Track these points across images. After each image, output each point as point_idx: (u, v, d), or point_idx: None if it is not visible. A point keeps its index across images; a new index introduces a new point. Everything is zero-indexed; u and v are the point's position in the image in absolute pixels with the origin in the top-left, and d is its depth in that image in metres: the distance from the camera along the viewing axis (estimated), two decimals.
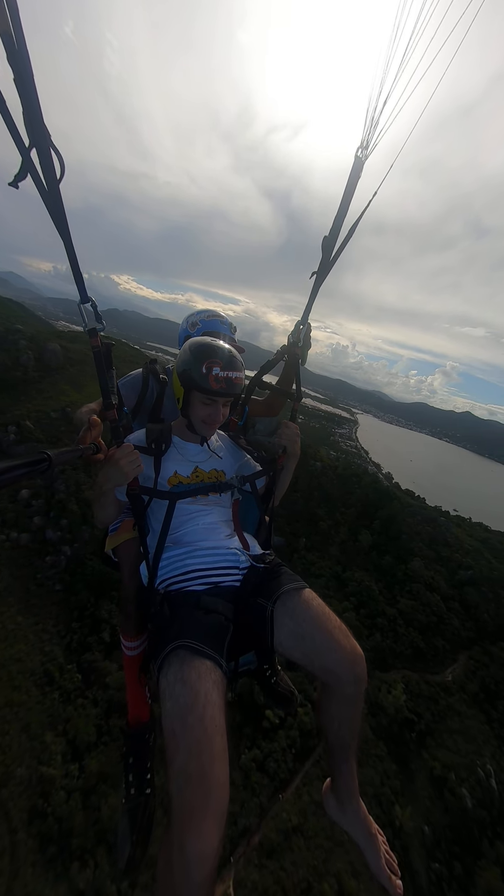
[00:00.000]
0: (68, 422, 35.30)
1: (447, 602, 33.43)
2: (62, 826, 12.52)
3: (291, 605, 1.29)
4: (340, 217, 1.50)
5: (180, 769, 0.91)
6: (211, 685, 1.05)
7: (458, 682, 27.19)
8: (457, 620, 32.47)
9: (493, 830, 19.15)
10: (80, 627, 20.64)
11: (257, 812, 14.23)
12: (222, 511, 1.57)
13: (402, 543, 36.79)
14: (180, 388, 1.46)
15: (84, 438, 1.46)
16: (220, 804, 0.88)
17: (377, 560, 34.17)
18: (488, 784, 21.14)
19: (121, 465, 1.29)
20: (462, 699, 26.09)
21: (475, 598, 35.31)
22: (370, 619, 28.76)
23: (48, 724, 15.75)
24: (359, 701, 1.24)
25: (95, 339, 1.27)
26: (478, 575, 37.53)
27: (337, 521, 35.96)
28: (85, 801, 13.19)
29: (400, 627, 29.02)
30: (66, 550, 24.84)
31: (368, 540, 35.48)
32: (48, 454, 1.10)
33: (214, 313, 2.03)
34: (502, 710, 26.21)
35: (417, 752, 21.28)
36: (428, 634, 29.76)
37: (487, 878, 16.60)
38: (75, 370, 44.85)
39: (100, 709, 16.82)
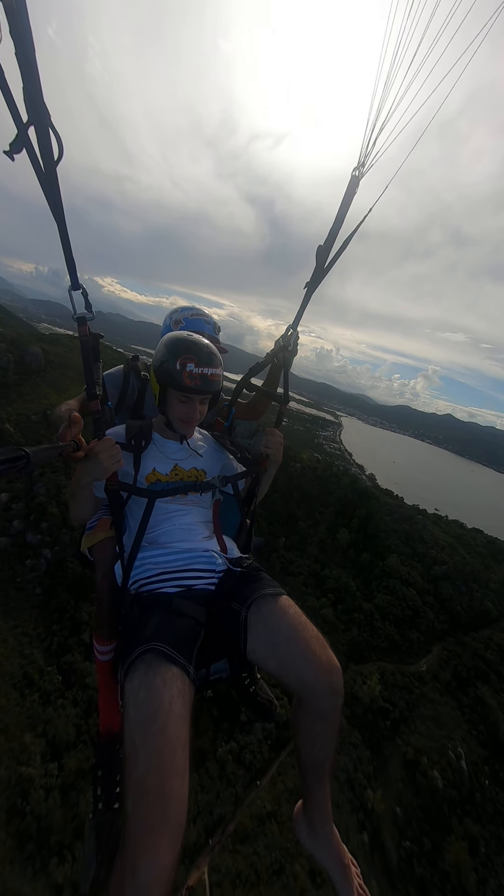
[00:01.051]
0: (49, 425, 35.11)
1: (422, 596, 34.88)
2: (41, 824, 12.71)
3: (266, 611, 1.24)
4: (336, 228, 1.52)
5: (137, 783, 0.87)
6: (176, 693, 1.01)
7: (431, 672, 28.51)
8: (431, 613, 33.93)
9: (463, 808, 20.29)
10: (60, 630, 20.70)
11: (233, 801, 14.76)
12: (201, 511, 1.54)
13: (380, 541, 38.15)
14: (156, 385, 1.43)
15: (64, 435, 1.43)
16: (176, 822, 0.84)
17: (355, 557, 35.36)
18: (458, 765, 22.33)
19: (101, 458, 1.26)
20: (435, 687, 27.37)
21: (449, 592, 36.95)
22: (347, 614, 29.79)
23: (27, 725, 15.84)
24: (335, 717, 1.18)
25: (84, 328, 1.25)
26: (452, 570, 39.27)
27: (316, 521, 37.03)
28: (64, 798, 13.41)
29: (376, 621, 30.16)
30: (47, 554, 24.79)
31: (347, 538, 36.65)
32: (26, 451, 1.10)
33: (199, 311, 1.99)
34: (473, 697, 27.63)
35: (391, 738, 22.29)
36: (403, 627, 31.02)
37: (455, 852, 17.65)
38: (56, 373, 44.52)
39: (79, 709, 17.00)
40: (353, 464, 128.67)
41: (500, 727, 26.11)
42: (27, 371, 41.70)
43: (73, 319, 1.23)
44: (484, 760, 23.91)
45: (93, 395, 1.31)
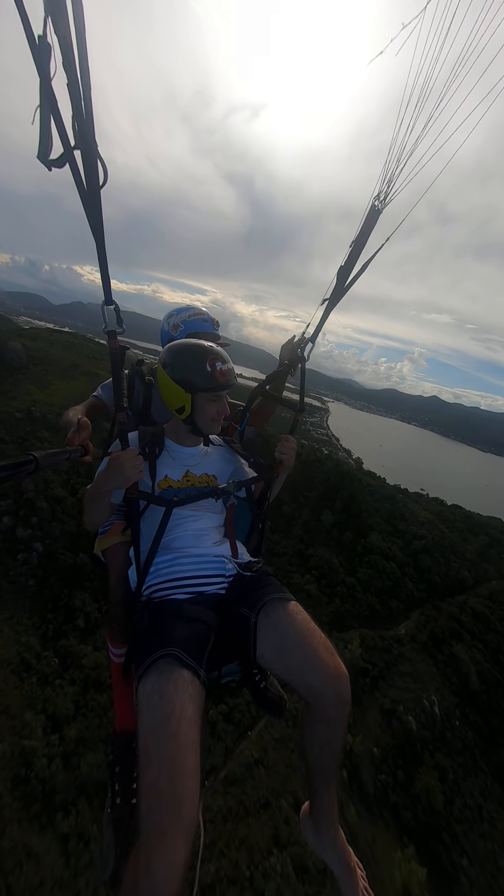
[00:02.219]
0: (33, 422, 35.11)
1: (402, 568, 37.00)
2: (45, 787, 13.89)
3: (275, 617, 1.27)
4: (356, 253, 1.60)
5: (151, 785, 0.90)
6: (187, 698, 1.04)
7: (409, 634, 30.78)
8: (410, 583, 36.15)
9: (434, 745, 22.63)
10: (55, 617, 21.61)
11: (223, 753, 16.32)
12: (213, 517, 1.57)
13: (362, 520, 40.00)
14: (185, 395, 1.42)
15: (72, 440, 1.44)
16: (188, 822, 0.87)
17: (338, 536, 37.16)
18: (432, 711, 24.62)
19: (125, 468, 1.28)
20: (413, 648, 29.63)
21: (428, 564, 39.20)
22: (330, 588, 31.63)
23: (27, 704, 16.87)
24: (342, 724, 1.21)
25: (114, 341, 1.30)
26: (431, 543, 41.53)
27: (300, 504, 38.55)
28: (66, 763, 14.60)
29: (358, 593, 32.14)
30: (38, 547, 25.44)
31: (330, 519, 38.37)
32: (35, 455, 1.09)
33: (196, 311, 1.99)
34: (447, 654, 30.00)
35: (370, 692, 24.36)
36: (384, 597, 33.13)
37: (426, 779, 19.93)
38: (38, 369, 44.02)
39: (77, 686, 18.13)
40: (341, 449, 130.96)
41: (472, 678, 28.67)
42: (8, 368, 41.20)
43: (104, 332, 1.27)
44: (455, 706, 26.40)
45: (120, 408, 1.34)
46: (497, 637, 33.44)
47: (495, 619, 35.05)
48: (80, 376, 43.96)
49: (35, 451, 1.12)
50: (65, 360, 47.61)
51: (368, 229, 1.58)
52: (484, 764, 24.46)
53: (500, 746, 25.88)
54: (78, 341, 55.05)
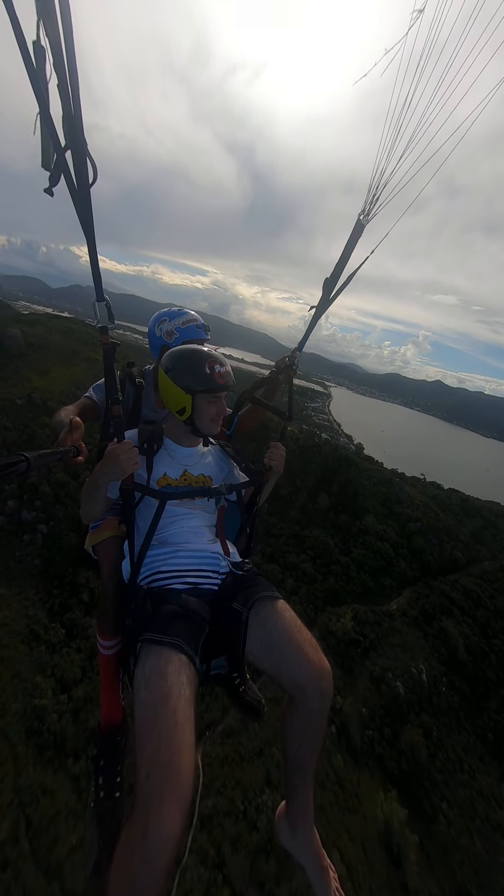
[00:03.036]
0: (34, 408, 35.65)
1: (396, 549, 38.14)
2: (56, 738, 15.32)
3: (265, 614, 1.32)
4: (341, 266, 1.64)
5: (150, 756, 0.93)
6: (185, 679, 1.09)
7: (401, 609, 32.19)
8: (404, 563, 37.37)
9: (420, 707, 24.25)
10: (61, 593, 22.89)
11: (221, 710, 17.74)
12: (206, 516, 1.62)
13: (358, 503, 40.94)
14: (185, 397, 1.47)
15: (64, 441, 1.45)
16: (185, 792, 0.90)
17: (334, 519, 38.20)
18: (419, 678, 26.17)
19: (120, 460, 1.31)
20: (404, 622, 31.06)
21: (421, 545, 40.35)
22: (325, 566, 32.86)
23: (37, 669, 18.21)
24: (322, 719, 1.26)
25: (105, 337, 1.30)
26: (425, 525, 42.57)
27: (297, 488, 39.48)
28: (75, 718, 16.03)
29: (352, 572, 33.39)
30: (42, 529, 26.56)
31: (326, 502, 39.34)
32: (26, 456, 1.11)
33: (189, 317, 2.00)
34: (437, 627, 31.43)
35: (361, 661, 25.87)
36: (377, 576, 34.41)
37: (411, 735, 21.60)
38: (37, 356, 44.07)
39: (83, 654, 19.49)
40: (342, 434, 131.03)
41: (459, 649, 30.18)
42: (7, 354, 41.42)
43: (97, 328, 1.29)
44: (443, 674, 27.96)
45: (115, 401, 1.36)
46: (486, 613, 34.79)
47: (486, 596, 36.33)
48: (80, 362, 44.12)
49: (26, 452, 1.15)
50: (64, 346, 47.59)
51: (352, 244, 1.63)
52: (468, 724, 26.18)
53: (484, 710, 27.58)
54: (77, 327, 54.75)
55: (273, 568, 30.50)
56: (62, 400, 36.41)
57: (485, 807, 21.62)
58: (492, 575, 39.19)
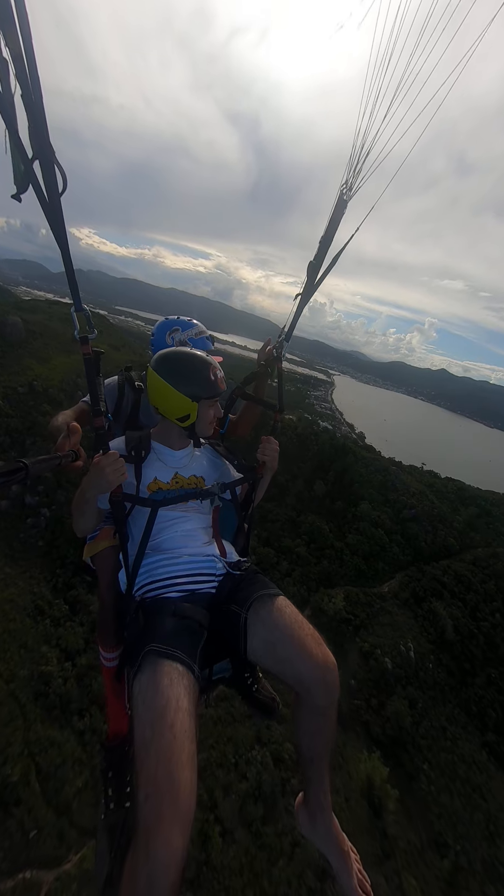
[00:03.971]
0: (35, 396, 36.28)
1: (390, 535, 39.08)
2: (62, 699, 16.77)
3: (264, 612, 1.32)
4: (324, 247, 1.58)
5: (148, 775, 0.92)
6: (182, 690, 1.07)
7: (392, 592, 33.39)
8: (397, 548, 38.38)
9: (407, 680, 25.65)
10: (64, 572, 24.14)
11: None
12: (201, 518, 1.60)
13: (354, 490, 41.74)
14: (191, 405, 1.48)
15: (62, 446, 1.47)
16: (186, 811, 0.89)
17: (329, 505, 39.11)
18: (407, 654, 27.51)
19: (106, 472, 1.30)
20: (395, 603, 32.31)
21: (415, 531, 41.23)
22: (319, 550, 33.97)
23: (42, 641, 19.60)
24: (330, 712, 1.25)
25: (86, 347, 1.29)
26: (420, 512, 43.35)
27: (294, 475, 40.29)
28: (79, 682, 17.51)
29: (346, 556, 34.47)
30: (45, 512, 27.65)
31: (322, 489, 40.17)
32: (25, 463, 1.12)
33: (201, 329, 2.06)
34: (426, 609, 32.67)
35: (352, 639, 27.20)
36: (370, 560, 35.50)
37: (396, 705, 23.04)
38: (38, 344, 44.36)
39: (85, 628, 20.83)
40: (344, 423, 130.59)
41: (448, 630, 31.44)
42: (7, 343, 41.76)
43: (77, 339, 1.28)
44: (430, 652, 29.31)
45: (97, 412, 1.35)
46: (476, 596, 35.88)
47: (477, 581, 37.32)
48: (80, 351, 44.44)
49: (25, 459, 1.17)
50: (64, 333, 47.72)
51: (336, 223, 1.56)
52: (453, 698, 27.63)
53: (470, 686, 28.97)
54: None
55: (268, 551, 31.61)
56: (63, 388, 36.97)
57: (465, 770, 23.17)
58: (484, 561, 40.03)
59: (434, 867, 18.57)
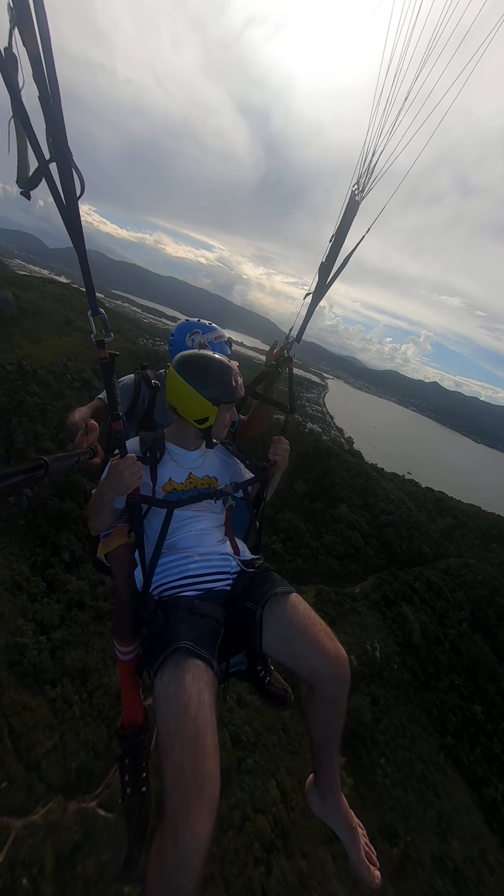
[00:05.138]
0: (24, 376, 35.81)
1: (366, 539, 40.20)
2: (36, 669, 17.27)
3: (279, 609, 1.37)
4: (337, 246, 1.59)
5: (175, 765, 0.98)
6: (203, 686, 1.13)
7: (363, 593, 34.48)
8: (372, 552, 39.55)
9: (371, 678, 26.68)
10: (43, 551, 24.32)
11: None
12: (214, 517, 1.65)
13: (334, 493, 42.71)
14: (212, 408, 1.51)
15: (80, 443, 1.50)
16: (212, 798, 0.95)
17: (308, 505, 39.98)
18: (373, 654, 28.57)
19: (124, 475, 1.33)
20: (365, 604, 33.39)
21: (392, 537, 42.48)
22: (295, 549, 34.81)
23: (19, 614, 19.91)
24: (342, 701, 1.33)
25: (103, 351, 1.30)
26: (397, 519, 44.65)
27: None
28: (52, 655, 18.02)
29: (321, 556, 35.41)
30: (28, 492, 27.58)
31: (303, 489, 41.00)
32: (45, 460, 1.14)
33: (220, 333, 2.08)
34: (395, 612, 33.88)
35: None
36: (344, 561, 36.52)
37: (358, 700, 24.07)
38: (30, 322, 43.53)
39: (62, 605, 21.20)
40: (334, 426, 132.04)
41: (415, 633, 32.70)
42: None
43: (93, 342, 1.29)
44: (396, 654, 30.46)
45: (115, 417, 1.37)
46: (445, 604, 37.30)
47: (447, 589, 38.78)
48: (73, 332, 43.82)
49: (45, 456, 1.19)
50: (57, 314, 47.06)
51: (348, 223, 1.55)
52: (415, 699, 28.85)
53: (433, 689, 30.23)
54: (72, 294, 53.81)
55: None
56: (52, 370, 36.60)
57: (422, 768, 24.38)
58: (455, 570, 41.55)
59: (383, 853, 19.65)
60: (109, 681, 17.24)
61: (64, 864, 11.89)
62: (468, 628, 35.22)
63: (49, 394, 32.92)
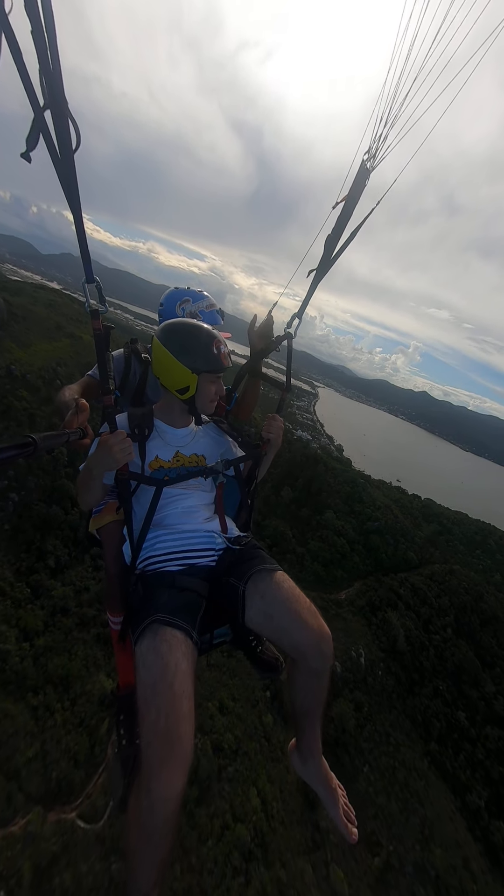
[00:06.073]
0: (13, 380, 35.68)
1: (352, 545, 40.73)
2: (18, 676, 17.07)
3: (263, 585, 1.38)
4: (345, 218, 1.52)
5: (150, 726, 1.04)
6: (181, 655, 1.16)
7: (349, 599, 34.81)
8: (358, 558, 40.06)
9: (355, 685, 26.84)
10: (28, 557, 24.09)
11: None
12: (203, 495, 1.64)
13: (321, 499, 43.28)
14: (191, 376, 1.47)
15: (70, 423, 1.48)
16: (184, 756, 1.01)
17: (295, 511, 40.45)
18: (357, 660, 28.80)
19: (114, 451, 1.32)
20: (350, 610, 33.71)
21: (377, 543, 43.13)
22: (280, 555, 35.08)
23: (2, 620, 19.65)
24: (324, 675, 1.36)
25: (97, 322, 1.25)
26: (383, 526, 45.36)
27: (263, 480, 41.54)
28: (35, 662, 17.80)
29: (306, 562, 35.77)
30: (14, 497, 27.36)
31: (290, 495, 41.48)
32: (34, 438, 1.13)
33: (211, 302, 2.04)
34: (380, 618, 34.26)
35: None
36: (330, 567, 36.90)
37: (341, 707, 24.26)
38: (20, 327, 43.42)
39: (46, 611, 20.99)
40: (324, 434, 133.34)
41: (400, 639, 33.08)
42: None
43: (87, 312, 1.24)
44: (381, 660, 30.72)
45: (106, 391, 1.35)
46: (430, 610, 37.84)
47: (432, 595, 39.38)
48: (63, 338, 43.93)
49: (34, 434, 1.18)
50: (48, 319, 47.10)
51: (358, 191, 1.49)
52: (399, 705, 29.03)
53: (417, 695, 30.48)
54: (63, 300, 54.00)
55: None
56: (42, 375, 36.58)
57: (405, 775, 24.49)
58: (440, 576, 42.24)
59: (364, 863, 19.60)
60: (92, 688, 17.16)
61: (42, 875, 11.83)
62: (452, 634, 35.76)
63: (38, 398, 32.86)
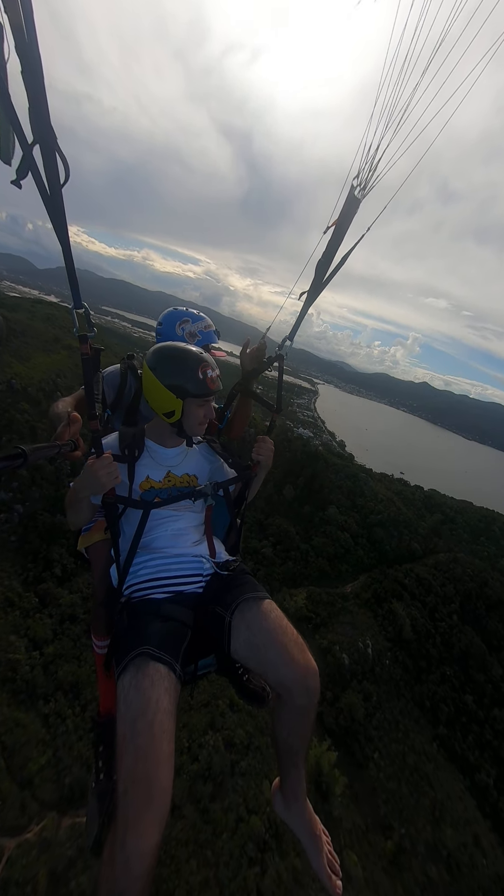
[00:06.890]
0: (14, 394, 36.52)
1: (356, 539, 41.04)
2: (28, 685, 17.57)
3: (249, 615, 1.35)
4: (334, 245, 1.53)
5: (127, 772, 0.99)
6: (163, 692, 1.12)
7: (354, 592, 35.18)
8: (362, 551, 40.41)
9: (363, 675, 27.22)
10: (35, 566, 24.73)
11: None
12: (193, 516, 1.61)
13: (323, 496, 43.68)
14: (176, 401, 1.46)
15: (62, 435, 1.48)
16: (161, 807, 0.97)
17: (298, 509, 40.89)
18: (365, 651, 29.13)
19: (99, 475, 1.31)
20: (356, 603, 34.08)
21: (381, 536, 43.41)
22: (285, 552, 35.55)
23: (11, 631, 20.25)
24: (310, 712, 1.31)
25: (85, 346, 1.27)
26: (386, 518, 45.62)
27: (265, 479, 42.08)
28: (45, 670, 18.29)
29: (311, 557, 36.17)
30: (19, 508, 28.11)
31: (292, 493, 41.94)
32: (23, 449, 1.13)
33: (209, 322, 2.10)
34: (386, 609, 34.59)
35: (311, 636, 28.67)
36: (335, 562, 37.29)
37: (350, 698, 24.56)
38: (19, 342, 44.31)
39: (55, 619, 21.58)
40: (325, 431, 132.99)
41: (405, 628, 33.42)
42: None
43: (76, 336, 1.27)
44: (388, 649, 31.06)
45: (92, 416, 1.35)
46: (435, 599, 38.08)
47: (437, 584, 39.59)
48: (61, 350, 44.77)
49: (24, 445, 1.16)
50: (46, 333, 47.96)
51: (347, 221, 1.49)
52: (407, 693, 29.36)
53: (424, 682, 30.82)
54: (60, 314, 54.99)
55: None
56: (42, 387, 37.40)
57: (415, 760, 24.83)
58: (444, 565, 42.40)
59: (377, 847, 20.03)
60: None
61: (58, 880, 11.90)
62: (458, 620, 36.01)
63: (38, 411, 33.65)
